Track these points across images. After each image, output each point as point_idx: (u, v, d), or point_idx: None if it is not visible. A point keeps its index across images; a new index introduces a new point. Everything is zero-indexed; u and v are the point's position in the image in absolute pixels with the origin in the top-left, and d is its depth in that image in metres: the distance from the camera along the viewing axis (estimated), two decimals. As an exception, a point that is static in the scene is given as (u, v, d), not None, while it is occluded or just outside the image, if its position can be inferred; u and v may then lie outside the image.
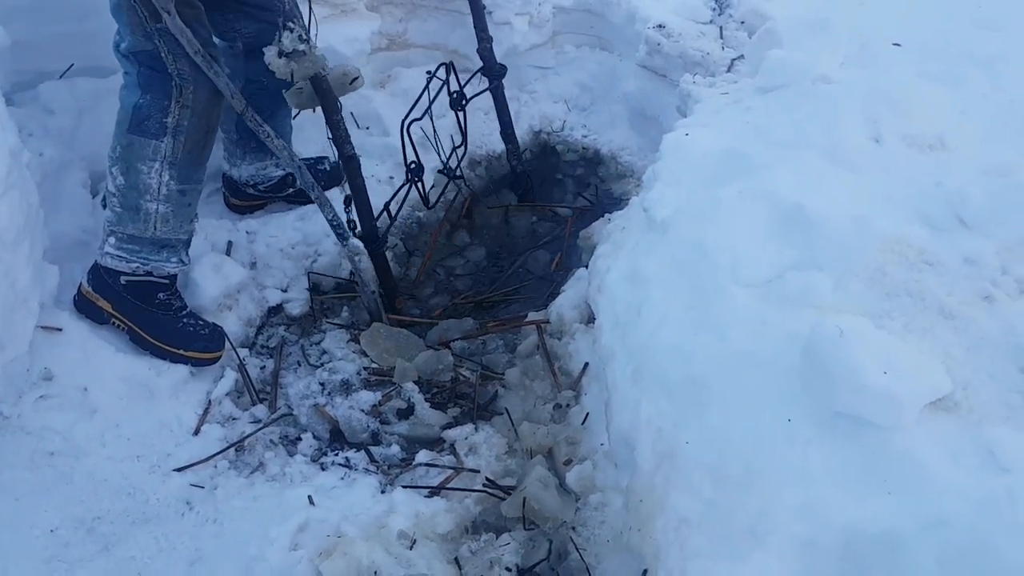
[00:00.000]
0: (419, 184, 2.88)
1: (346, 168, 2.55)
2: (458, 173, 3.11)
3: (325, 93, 2.38)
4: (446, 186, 3.13)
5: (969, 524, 1.38)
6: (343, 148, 2.50)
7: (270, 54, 2.26)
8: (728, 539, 1.57)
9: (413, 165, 2.80)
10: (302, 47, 2.26)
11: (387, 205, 2.82)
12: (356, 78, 2.45)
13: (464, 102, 2.97)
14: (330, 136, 2.50)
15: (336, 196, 3.03)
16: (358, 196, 2.59)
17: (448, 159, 3.02)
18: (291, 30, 2.23)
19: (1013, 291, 1.80)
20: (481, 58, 3.08)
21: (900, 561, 1.40)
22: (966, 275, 1.83)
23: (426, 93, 2.78)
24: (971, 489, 1.43)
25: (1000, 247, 1.87)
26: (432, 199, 3.02)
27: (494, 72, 3.12)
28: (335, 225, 2.54)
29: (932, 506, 1.43)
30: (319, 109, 2.44)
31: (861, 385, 1.54)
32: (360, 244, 2.60)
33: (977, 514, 1.38)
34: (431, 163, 3.01)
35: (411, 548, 1.91)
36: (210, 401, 2.39)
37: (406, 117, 2.74)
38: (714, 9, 3.36)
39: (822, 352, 1.61)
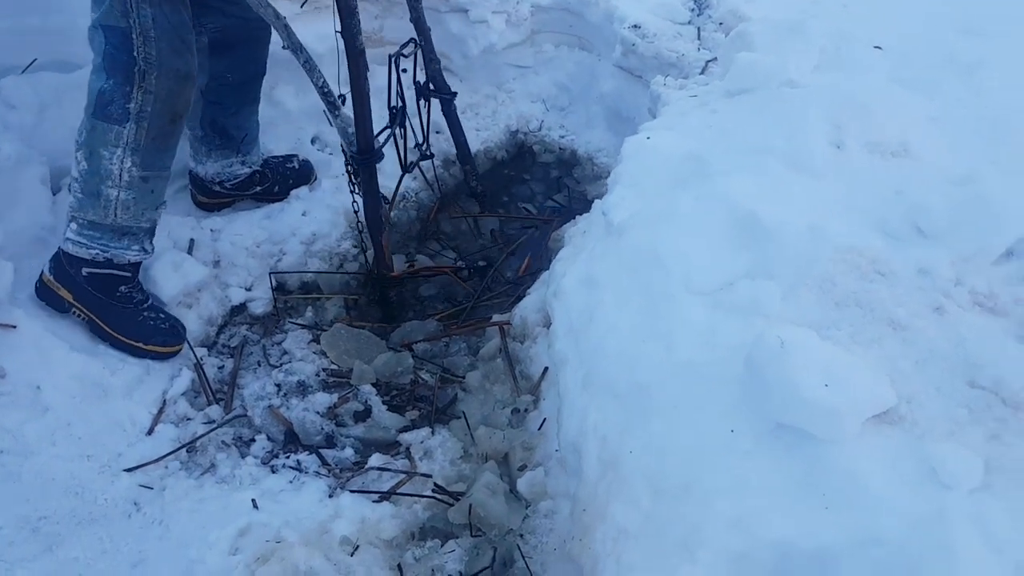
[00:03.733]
0: (401, 132, 2.71)
1: (354, 64, 2.31)
2: (428, 153, 2.98)
3: None
4: (418, 161, 2.98)
5: (901, 543, 1.35)
6: (356, 41, 2.29)
7: None
8: (661, 552, 1.55)
9: (395, 110, 2.65)
10: None
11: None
12: None
13: (430, 90, 2.89)
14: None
15: (303, 193, 3.04)
16: (360, 100, 2.39)
17: (426, 139, 2.93)
18: None
19: (965, 303, 1.77)
20: (432, 82, 3.02)
21: (830, 578, 1.37)
22: (919, 286, 1.79)
23: (394, 74, 2.66)
24: (907, 507, 1.40)
25: (956, 258, 1.84)
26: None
27: (446, 93, 3.06)
28: (325, 92, 2.37)
29: (867, 523, 1.40)
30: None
31: (800, 398, 1.51)
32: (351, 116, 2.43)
33: (910, 533, 1.35)
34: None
35: (353, 554, 1.89)
36: (165, 401, 2.36)
37: (395, 54, 2.64)
38: (693, 9, 3.33)
39: (762, 363, 1.58)
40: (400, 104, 2.67)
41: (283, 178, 3.00)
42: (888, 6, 3.53)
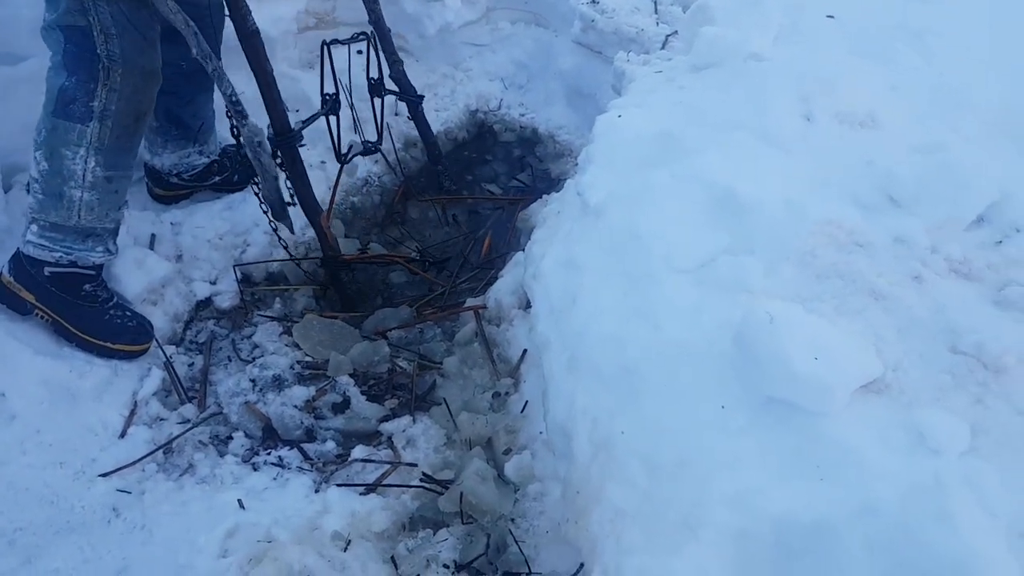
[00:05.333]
0: (335, 121, 2.63)
1: (248, 46, 2.25)
2: (373, 148, 2.87)
3: None
4: (356, 154, 2.85)
5: (897, 511, 1.37)
6: (245, 22, 2.23)
7: None
8: (662, 531, 1.56)
9: (329, 97, 2.58)
10: None
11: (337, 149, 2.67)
12: None
13: (384, 89, 2.83)
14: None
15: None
16: (266, 83, 2.31)
17: (380, 137, 2.87)
18: None
19: (942, 270, 1.81)
20: (396, 83, 2.97)
21: (831, 550, 1.40)
22: (896, 255, 1.83)
23: (328, 63, 2.58)
24: (900, 475, 1.43)
25: (930, 225, 1.88)
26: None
27: (413, 96, 3.01)
28: (234, 102, 2.27)
29: (862, 493, 1.42)
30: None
31: (791, 372, 1.53)
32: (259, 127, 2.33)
33: (905, 501, 1.38)
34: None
35: (345, 549, 1.87)
36: (136, 402, 2.30)
37: (329, 41, 2.56)
38: (649, -17, 3.32)
39: (753, 339, 1.60)
40: (334, 92, 2.59)
41: (242, 167, 2.92)
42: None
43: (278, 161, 2.43)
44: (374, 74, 2.82)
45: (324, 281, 2.83)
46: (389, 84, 2.90)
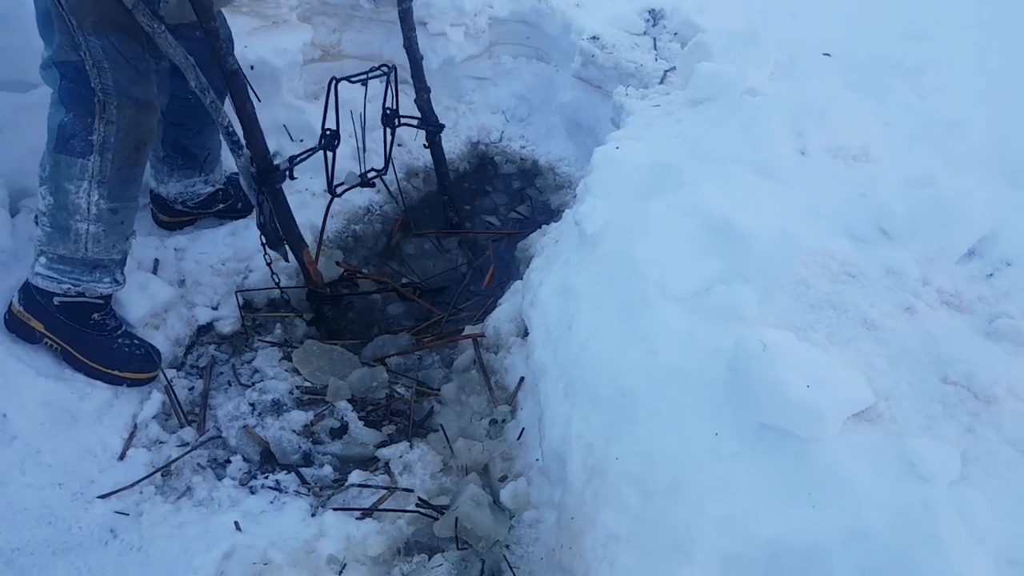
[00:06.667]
0: (331, 156, 2.66)
1: (230, 85, 2.29)
2: (369, 181, 2.89)
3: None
4: (353, 186, 2.87)
5: (889, 536, 1.39)
6: (225, 62, 2.26)
7: None
8: (655, 555, 1.57)
9: (328, 133, 2.62)
10: None
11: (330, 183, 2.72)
12: None
13: (397, 120, 2.88)
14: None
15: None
16: (247, 122, 2.35)
17: (386, 165, 2.91)
18: None
19: (933, 301, 1.83)
20: (420, 110, 3.03)
21: (822, 574, 1.41)
22: (888, 286, 1.85)
23: (331, 98, 2.62)
24: (891, 500, 1.44)
25: (921, 257, 1.91)
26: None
27: (434, 126, 3.07)
28: (229, 133, 2.32)
29: (854, 518, 1.44)
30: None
31: (784, 399, 1.54)
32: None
33: (896, 526, 1.39)
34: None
35: (341, 573, 1.87)
36: (136, 424, 2.32)
37: (337, 79, 2.61)
38: (648, 20, 3.39)
39: (746, 366, 1.62)
40: (332, 129, 2.64)
41: (246, 195, 2.96)
42: (834, 14, 3.64)
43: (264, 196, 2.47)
44: (388, 107, 2.86)
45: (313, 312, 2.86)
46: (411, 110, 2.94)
